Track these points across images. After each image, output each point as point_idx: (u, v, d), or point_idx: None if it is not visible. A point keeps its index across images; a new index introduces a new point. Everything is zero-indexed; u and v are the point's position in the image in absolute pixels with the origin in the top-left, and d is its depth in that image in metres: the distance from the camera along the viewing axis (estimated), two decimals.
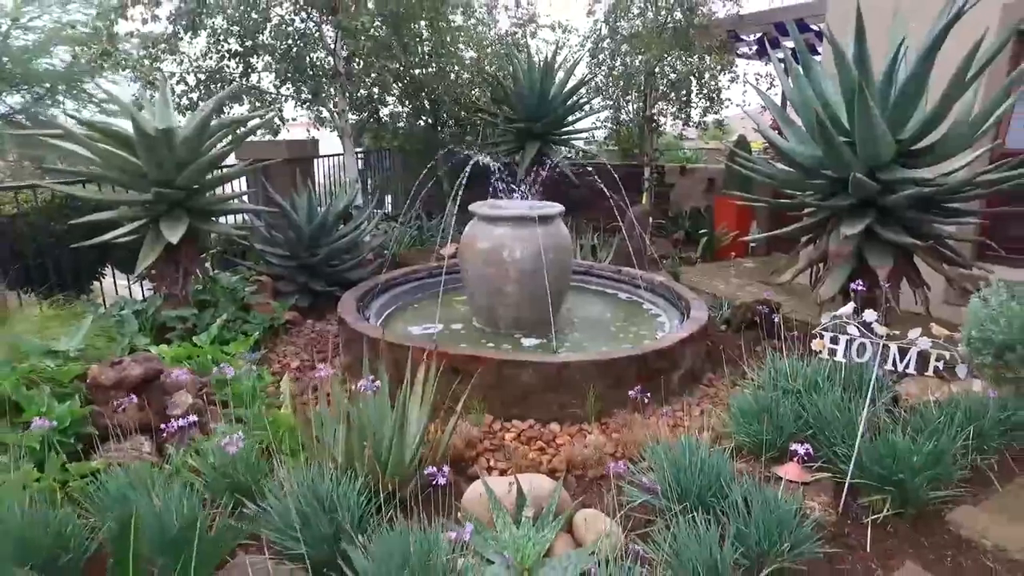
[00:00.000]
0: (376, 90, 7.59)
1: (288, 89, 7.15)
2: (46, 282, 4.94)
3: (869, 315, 2.65)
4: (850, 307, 2.76)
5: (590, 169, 6.95)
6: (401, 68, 7.02)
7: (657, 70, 8.39)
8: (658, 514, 2.50)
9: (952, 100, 3.80)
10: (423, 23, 7.06)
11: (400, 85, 7.50)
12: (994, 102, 3.99)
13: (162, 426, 2.69)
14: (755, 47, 9.91)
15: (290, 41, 6.79)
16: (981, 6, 4.32)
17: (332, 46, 7.05)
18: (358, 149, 8.80)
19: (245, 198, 6.44)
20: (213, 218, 4.87)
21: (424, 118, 9.02)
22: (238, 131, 4.84)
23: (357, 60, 7.15)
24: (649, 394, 3.16)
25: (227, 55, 6.75)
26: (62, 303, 4.80)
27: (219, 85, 6.72)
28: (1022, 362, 1.84)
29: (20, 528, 2.11)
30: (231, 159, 5.74)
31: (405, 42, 6.72)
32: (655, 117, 9.22)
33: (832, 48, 3.90)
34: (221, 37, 6.59)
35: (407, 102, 8.63)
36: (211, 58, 6.77)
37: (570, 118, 8.33)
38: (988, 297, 2.02)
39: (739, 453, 3.11)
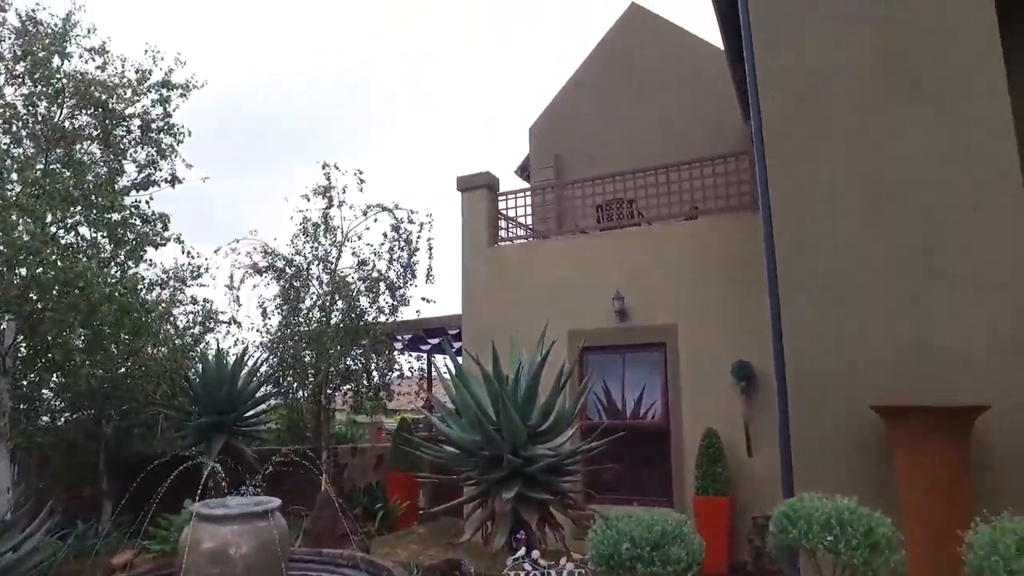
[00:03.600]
0: (48, 391, 7.27)
1: None
2: None
3: (535, 554, 3.95)
4: (523, 551, 4.02)
5: (281, 456, 7.56)
6: (98, 372, 7.03)
7: (333, 369, 9.76)
8: None
9: (554, 399, 5.81)
10: (112, 330, 7.35)
11: (76, 383, 7.33)
12: (578, 395, 6.18)
13: None
14: (408, 343, 12.17)
15: None
16: (559, 334, 6.76)
17: (6, 345, 6.79)
18: None
19: None
20: None
21: (86, 412, 8.59)
22: None
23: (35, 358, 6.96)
24: None
25: None
26: None
27: None
28: (619, 565, 3.23)
29: None
30: None
31: (104, 345, 6.86)
32: (329, 405, 10.35)
33: (480, 368, 5.69)
34: None
35: (68, 396, 8.25)
36: None
37: (255, 409, 8.92)
38: (596, 528, 3.46)
39: None
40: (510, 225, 9.67)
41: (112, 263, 7.65)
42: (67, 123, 8.04)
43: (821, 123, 5.05)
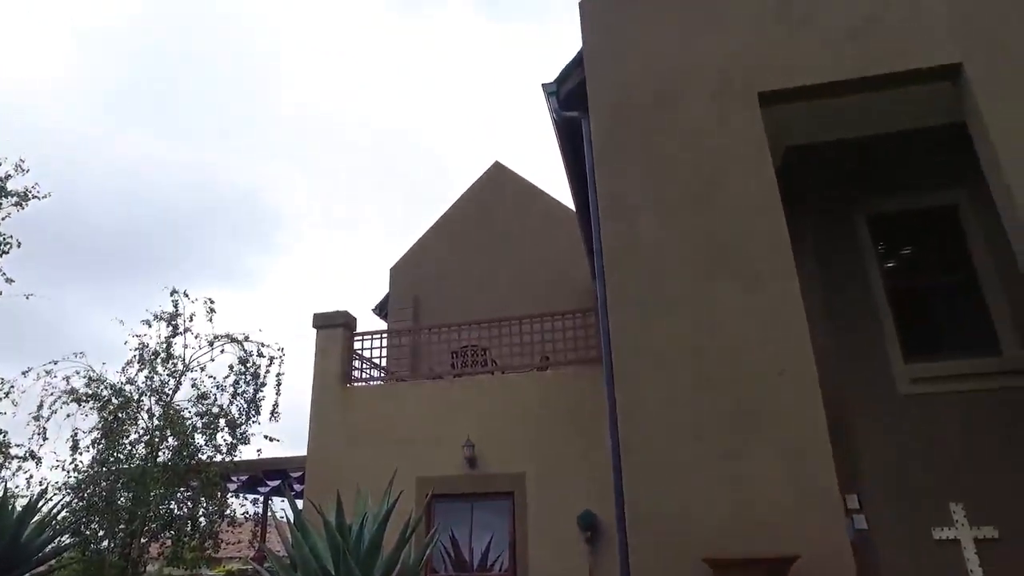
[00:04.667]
0: None
1: None
2: None
3: None
4: None
5: None
6: None
7: (152, 513, 8.67)
8: None
9: (399, 552, 5.56)
10: None
11: None
12: (423, 547, 5.96)
13: None
14: (243, 483, 11.17)
15: None
16: (408, 480, 6.60)
17: None
18: None
19: None
20: None
21: None
22: None
23: None
24: None
25: None
26: None
27: None
28: None
29: None
30: None
31: None
32: (141, 556, 9.05)
33: (323, 520, 5.39)
34: None
35: None
36: None
37: (41, 568, 7.57)
38: None
39: None
40: (365, 366, 9.55)
41: None
42: None
43: (655, 291, 5.68)
